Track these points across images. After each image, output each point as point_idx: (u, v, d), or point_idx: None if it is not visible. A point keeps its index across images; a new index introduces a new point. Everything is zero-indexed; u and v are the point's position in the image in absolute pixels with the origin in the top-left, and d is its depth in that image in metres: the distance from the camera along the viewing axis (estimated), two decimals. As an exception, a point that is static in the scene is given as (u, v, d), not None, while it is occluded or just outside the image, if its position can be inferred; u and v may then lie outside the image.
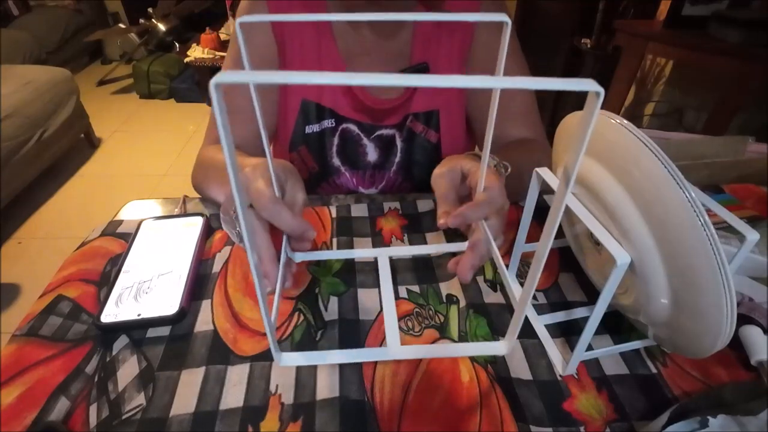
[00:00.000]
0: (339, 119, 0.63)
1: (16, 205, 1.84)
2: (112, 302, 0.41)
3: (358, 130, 0.64)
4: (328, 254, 0.46)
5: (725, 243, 0.40)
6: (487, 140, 0.34)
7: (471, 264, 0.36)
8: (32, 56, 2.66)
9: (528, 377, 0.37)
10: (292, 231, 0.36)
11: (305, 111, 0.62)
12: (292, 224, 0.35)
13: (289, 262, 0.38)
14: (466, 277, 0.36)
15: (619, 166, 0.31)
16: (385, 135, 0.65)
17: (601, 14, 1.75)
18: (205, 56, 2.47)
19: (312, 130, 0.63)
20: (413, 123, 0.64)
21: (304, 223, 0.36)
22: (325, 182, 0.68)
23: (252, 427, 0.33)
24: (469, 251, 0.37)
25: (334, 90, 0.62)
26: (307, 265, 0.47)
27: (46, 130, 1.93)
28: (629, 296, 0.34)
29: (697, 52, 1.38)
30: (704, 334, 0.29)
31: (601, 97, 0.18)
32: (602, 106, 0.19)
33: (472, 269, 0.36)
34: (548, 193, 0.58)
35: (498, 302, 0.43)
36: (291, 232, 0.36)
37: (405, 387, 0.36)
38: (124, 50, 3.12)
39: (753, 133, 0.71)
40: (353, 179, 0.67)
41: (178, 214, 0.53)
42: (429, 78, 0.16)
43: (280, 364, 0.31)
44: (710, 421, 0.30)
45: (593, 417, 0.34)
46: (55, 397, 0.35)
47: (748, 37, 1.28)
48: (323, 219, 0.54)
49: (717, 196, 0.58)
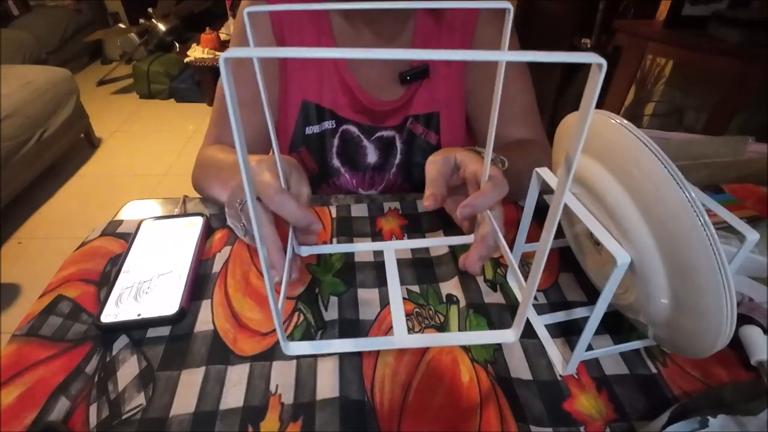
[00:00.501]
0: (339, 120, 0.63)
1: (16, 205, 1.84)
2: (112, 302, 0.41)
3: (358, 131, 0.64)
4: (334, 248, 0.46)
5: (725, 243, 0.40)
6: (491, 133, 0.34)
7: (479, 255, 0.37)
8: (32, 56, 2.66)
9: (528, 377, 0.37)
10: (298, 222, 0.36)
11: (305, 112, 0.62)
12: (299, 215, 0.36)
13: (294, 255, 0.39)
14: (475, 269, 0.37)
15: (619, 166, 0.31)
16: (385, 136, 0.65)
17: (601, 14, 1.75)
18: (205, 56, 2.47)
19: (312, 131, 0.63)
20: (413, 125, 0.64)
21: (309, 215, 0.36)
22: (325, 183, 0.68)
23: (252, 427, 0.33)
24: (476, 243, 0.37)
25: (335, 91, 0.62)
26: (308, 264, 0.47)
27: (46, 130, 1.93)
28: (629, 296, 0.34)
29: (697, 52, 1.38)
30: (704, 334, 0.29)
31: (603, 70, 0.18)
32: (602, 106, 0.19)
33: (480, 260, 0.37)
34: (548, 193, 0.58)
35: (498, 302, 0.43)
36: (297, 223, 0.36)
37: (405, 387, 0.36)
38: (124, 50, 3.13)
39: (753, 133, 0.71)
40: (353, 180, 0.67)
41: (178, 214, 0.53)
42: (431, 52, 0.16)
43: (287, 352, 0.31)
44: (710, 421, 0.30)
45: (593, 417, 0.34)
46: (55, 397, 0.35)
47: (748, 37, 1.28)
48: (323, 219, 0.54)
49: (717, 196, 0.58)
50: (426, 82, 0.62)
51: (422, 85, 0.63)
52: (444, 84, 0.63)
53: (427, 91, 0.63)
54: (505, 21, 0.30)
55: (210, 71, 2.58)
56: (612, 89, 1.64)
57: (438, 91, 0.63)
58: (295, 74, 0.61)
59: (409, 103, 0.63)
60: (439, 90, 0.63)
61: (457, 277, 0.45)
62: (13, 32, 2.68)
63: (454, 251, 0.49)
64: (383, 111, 0.63)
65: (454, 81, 0.63)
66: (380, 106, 0.62)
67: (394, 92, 0.63)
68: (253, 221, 0.24)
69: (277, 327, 0.29)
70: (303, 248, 0.43)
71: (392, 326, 0.34)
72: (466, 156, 0.41)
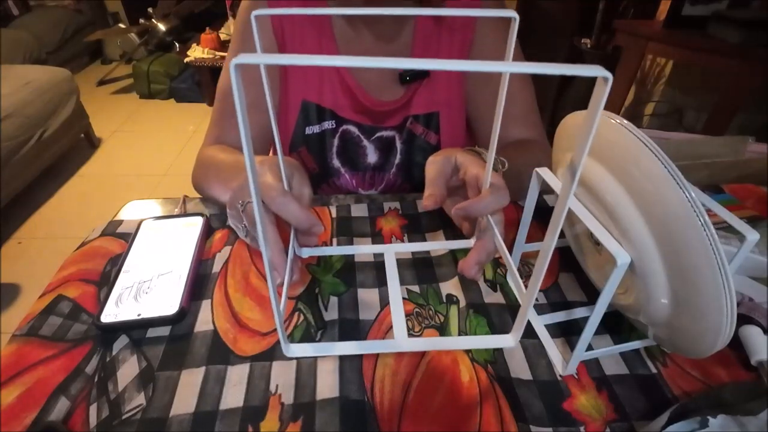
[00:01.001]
0: (339, 120, 0.63)
1: (16, 205, 1.84)
2: (112, 302, 0.41)
3: (358, 131, 0.64)
4: (335, 250, 0.46)
5: (725, 243, 0.40)
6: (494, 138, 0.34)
7: (477, 260, 0.36)
8: (32, 56, 2.66)
9: (528, 377, 0.37)
10: (299, 223, 0.36)
11: (306, 112, 0.62)
12: (300, 216, 0.35)
13: (295, 257, 0.39)
14: (472, 273, 0.36)
15: (619, 166, 0.31)
16: (385, 137, 0.65)
17: (601, 14, 1.75)
18: (205, 56, 2.47)
19: (312, 131, 0.63)
20: (413, 125, 0.64)
21: (312, 216, 0.36)
22: (325, 183, 0.68)
23: (252, 427, 0.33)
24: (476, 248, 0.37)
25: (335, 91, 0.62)
26: (308, 264, 0.47)
27: (46, 130, 1.93)
28: (629, 296, 0.34)
29: (697, 52, 1.39)
30: (704, 334, 0.29)
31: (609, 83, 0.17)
32: (602, 106, 0.19)
33: (478, 265, 0.37)
34: (548, 193, 0.58)
35: (498, 302, 0.43)
36: (299, 224, 0.36)
37: (405, 387, 0.36)
38: (124, 50, 3.12)
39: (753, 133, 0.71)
40: (353, 180, 0.67)
41: (178, 214, 0.53)
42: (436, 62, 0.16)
43: (288, 354, 0.31)
44: (710, 421, 0.30)
45: (593, 417, 0.34)
46: (55, 397, 0.35)
47: (748, 37, 1.28)
48: (323, 219, 0.54)
49: (717, 196, 0.58)
50: (426, 83, 0.63)
51: (422, 86, 0.63)
52: (444, 84, 0.63)
53: (427, 91, 0.63)
54: (511, 30, 0.30)
55: (210, 71, 2.58)
56: (612, 89, 1.64)
57: (438, 92, 0.63)
58: (296, 74, 0.62)
59: (409, 103, 0.63)
60: (439, 90, 0.63)
61: (457, 277, 0.45)
62: (13, 32, 2.67)
63: (454, 251, 0.49)
64: (383, 111, 0.63)
65: (454, 81, 0.63)
66: (380, 106, 0.62)
67: (394, 92, 0.63)
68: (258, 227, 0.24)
69: (279, 329, 0.29)
70: (304, 250, 0.43)
71: (392, 328, 0.34)
72: (467, 158, 0.41)
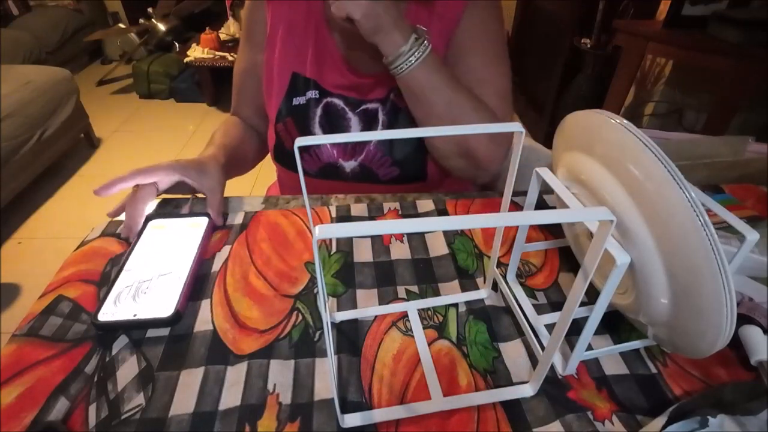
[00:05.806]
0: (323, 92, 0.65)
1: (16, 205, 1.83)
2: (110, 301, 0.41)
3: (343, 104, 0.66)
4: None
5: (725, 243, 0.40)
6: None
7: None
8: (32, 56, 2.66)
9: (528, 377, 0.37)
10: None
11: (294, 84, 0.65)
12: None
13: None
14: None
15: (619, 166, 0.31)
16: (370, 109, 0.66)
17: (601, 14, 1.75)
18: (205, 56, 2.47)
19: (299, 102, 0.65)
20: (397, 97, 0.64)
21: (136, 218, 0.50)
22: (306, 153, 0.68)
23: (249, 426, 0.33)
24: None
25: (321, 64, 0.64)
26: (306, 264, 0.47)
27: (46, 130, 1.93)
28: (629, 296, 0.34)
29: (697, 52, 1.38)
30: (704, 334, 0.29)
31: (613, 225, 0.22)
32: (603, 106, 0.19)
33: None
34: (548, 193, 0.58)
35: (497, 305, 0.43)
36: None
37: (403, 388, 0.36)
38: (124, 50, 3.12)
39: (753, 133, 0.71)
40: (334, 151, 0.67)
41: (185, 214, 0.53)
42: (472, 219, 0.21)
43: (343, 425, 0.32)
44: (710, 421, 0.30)
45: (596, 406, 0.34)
46: (54, 397, 0.35)
47: (748, 37, 1.28)
48: (323, 219, 0.54)
49: (717, 196, 0.58)
50: None
51: None
52: None
53: None
54: (515, 143, 0.32)
55: (210, 71, 2.58)
56: (612, 89, 1.64)
57: None
58: (287, 45, 0.64)
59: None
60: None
61: (457, 280, 0.45)
62: (13, 32, 2.67)
63: (454, 252, 0.49)
64: (368, 83, 0.64)
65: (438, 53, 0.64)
66: (366, 78, 0.64)
67: (379, 65, 0.63)
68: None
69: (335, 399, 0.32)
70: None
71: (427, 386, 0.36)
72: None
